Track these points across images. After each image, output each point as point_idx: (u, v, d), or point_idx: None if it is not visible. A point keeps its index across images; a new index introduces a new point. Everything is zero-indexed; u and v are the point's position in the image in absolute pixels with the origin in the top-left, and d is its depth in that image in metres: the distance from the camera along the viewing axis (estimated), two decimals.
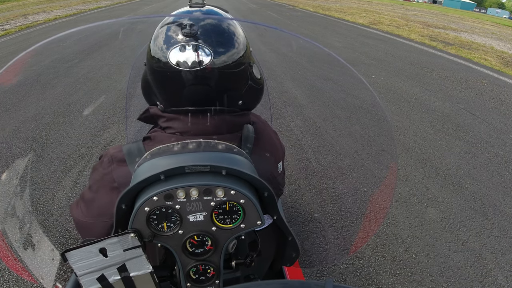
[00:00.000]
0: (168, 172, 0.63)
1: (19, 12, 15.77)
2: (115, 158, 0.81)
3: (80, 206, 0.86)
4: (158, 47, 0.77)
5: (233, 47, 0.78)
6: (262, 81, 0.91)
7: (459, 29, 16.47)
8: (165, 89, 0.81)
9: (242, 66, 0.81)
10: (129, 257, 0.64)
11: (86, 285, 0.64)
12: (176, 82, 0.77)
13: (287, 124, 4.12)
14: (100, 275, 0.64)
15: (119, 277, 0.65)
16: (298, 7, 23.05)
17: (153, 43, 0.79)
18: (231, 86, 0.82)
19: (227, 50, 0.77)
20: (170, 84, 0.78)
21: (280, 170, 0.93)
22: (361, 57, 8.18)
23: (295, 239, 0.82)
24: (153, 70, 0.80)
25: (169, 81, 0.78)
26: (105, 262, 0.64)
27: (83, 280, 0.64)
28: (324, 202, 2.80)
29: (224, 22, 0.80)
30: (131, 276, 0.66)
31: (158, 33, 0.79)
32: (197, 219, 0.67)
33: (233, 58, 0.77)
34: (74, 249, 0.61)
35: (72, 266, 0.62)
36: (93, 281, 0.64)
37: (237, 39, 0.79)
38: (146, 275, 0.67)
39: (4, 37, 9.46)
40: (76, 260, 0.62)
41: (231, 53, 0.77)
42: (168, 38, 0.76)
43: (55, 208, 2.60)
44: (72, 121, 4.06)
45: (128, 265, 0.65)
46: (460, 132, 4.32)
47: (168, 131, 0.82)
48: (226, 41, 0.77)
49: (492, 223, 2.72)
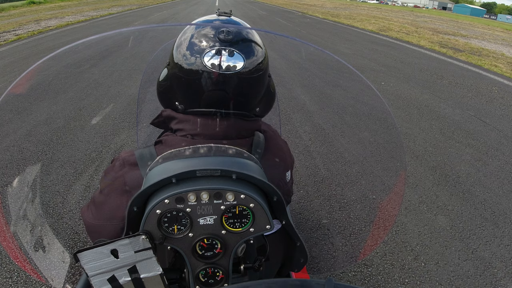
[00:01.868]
0: (180, 175, 0.65)
1: (31, 18, 16.07)
2: (127, 162, 0.83)
3: (91, 209, 0.87)
4: (191, 48, 0.79)
5: (260, 55, 0.83)
6: (275, 90, 0.95)
7: (469, 36, 16.36)
8: (189, 90, 0.82)
9: (264, 73, 0.85)
10: (139, 259, 0.66)
11: (97, 285, 0.66)
12: (203, 84, 0.79)
13: (296, 130, 4.13)
14: (111, 276, 0.66)
15: (130, 278, 0.67)
16: (307, 14, 23.12)
17: (183, 45, 0.81)
18: (254, 91, 0.85)
19: (256, 58, 0.81)
20: (197, 85, 0.80)
21: (288, 179, 0.94)
22: (370, 64, 8.17)
23: (303, 244, 0.82)
24: (181, 70, 0.81)
25: (196, 82, 0.80)
26: (116, 263, 0.65)
27: (94, 281, 0.65)
28: (332, 209, 2.79)
29: (252, 32, 0.85)
30: (142, 277, 0.67)
31: (187, 36, 0.82)
32: (207, 222, 0.68)
33: (260, 65, 0.82)
34: (86, 249, 0.63)
35: (84, 267, 0.64)
36: (104, 282, 0.66)
37: (262, 49, 0.85)
38: (156, 277, 0.68)
39: (17, 42, 9.63)
40: (87, 261, 0.63)
41: (258, 61, 0.82)
42: (203, 42, 0.79)
43: (65, 211, 2.64)
44: (82, 125, 4.12)
45: (138, 266, 0.66)
46: (470, 139, 4.29)
47: (179, 134, 0.84)
48: (255, 50, 0.82)
49: (503, 232, 2.69)
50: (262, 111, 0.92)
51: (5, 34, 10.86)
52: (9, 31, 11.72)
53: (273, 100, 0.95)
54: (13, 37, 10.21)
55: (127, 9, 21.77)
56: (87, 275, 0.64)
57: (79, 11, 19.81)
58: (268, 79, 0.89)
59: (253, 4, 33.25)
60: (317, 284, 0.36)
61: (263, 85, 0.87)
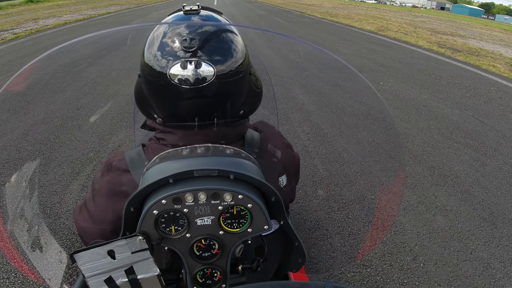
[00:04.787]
0: (177, 176, 0.64)
1: (29, 16, 16.00)
2: (116, 165, 0.81)
3: (82, 212, 0.86)
4: (156, 59, 0.73)
5: (234, 56, 0.76)
6: (260, 85, 0.90)
7: (467, 36, 16.39)
8: (162, 104, 0.79)
9: (243, 74, 0.79)
10: (136, 260, 0.65)
11: (94, 286, 0.65)
12: (175, 97, 0.75)
13: (294, 130, 4.12)
14: (107, 277, 0.65)
15: (127, 279, 0.66)
16: (305, 14, 23.11)
17: (149, 53, 0.76)
18: (233, 96, 0.80)
19: (229, 61, 0.75)
20: (169, 99, 0.76)
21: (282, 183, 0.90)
22: (368, 64, 8.17)
23: (301, 244, 0.81)
24: (151, 82, 0.77)
25: (167, 96, 0.76)
26: (113, 264, 0.64)
27: (91, 282, 0.64)
28: (331, 209, 2.79)
29: (224, 29, 0.78)
30: (139, 278, 0.66)
31: (153, 42, 0.76)
32: (204, 222, 0.67)
33: (235, 68, 0.76)
34: (83, 250, 0.62)
35: (80, 268, 0.63)
36: (100, 283, 0.65)
37: (237, 48, 0.77)
38: (153, 278, 0.67)
39: (14, 40, 9.60)
40: (84, 262, 0.63)
41: (232, 64, 0.75)
42: (167, 51, 0.73)
43: (63, 211, 2.63)
44: (80, 125, 4.11)
45: (135, 267, 0.66)
46: (468, 139, 4.29)
47: (162, 142, 0.82)
48: (227, 52, 0.75)
49: (501, 232, 2.69)
50: (248, 111, 0.87)
51: (3, 33, 10.82)
52: (7, 29, 11.68)
53: (258, 98, 0.89)
54: (11, 36, 10.17)
55: (125, 8, 21.71)
56: (83, 276, 0.64)
57: (77, 10, 19.74)
58: (249, 77, 0.82)
59: (252, 4, 33.22)
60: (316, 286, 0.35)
61: (243, 85, 0.81)
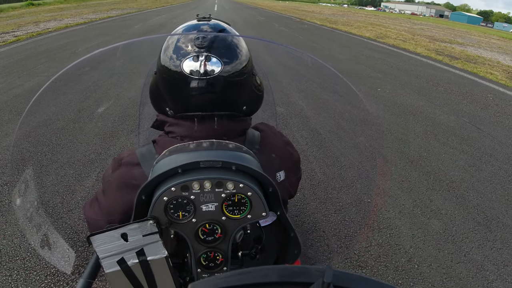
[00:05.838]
0: (185, 166, 0.71)
1: (30, 19, 16.11)
2: (128, 160, 0.89)
3: (93, 206, 0.93)
4: (171, 57, 0.84)
5: (239, 57, 0.86)
6: (262, 88, 0.99)
7: (465, 43, 16.53)
8: (175, 96, 0.87)
9: (246, 75, 0.88)
10: (147, 242, 0.72)
11: (107, 267, 0.71)
12: (187, 89, 0.83)
13: (293, 135, 4.18)
14: (120, 258, 0.71)
15: (137, 260, 0.73)
16: (305, 20, 23.28)
17: (165, 53, 0.86)
18: (236, 92, 0.88)
19: (234, 60, 0.84)
20: (181, 91, 0.84)
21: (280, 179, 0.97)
22: (367, 70, 8.26)
23: (297, 235, 0.88)
24: (165, 78, 0.86)
25: (180, 88, 0.84)
26: (126, 246, 0.71)
27: (105, 263, 0.71)
28: (328, 212, 2.84)
29: (231, 35, 0.89)
30: (148, 260, 0.73)
31: (169, 44, 0.86)
32: (209, 209, 0.74)
33: (239, 67, 0.85)
34: (99, 233, 0.69)
35: (96, 249, 0.70)
36: (113, 264, 0.71)
37: (241, 51, 0.87)
38: (161, 259, 0.74)
39: (15, 43, 9.69)
40: (99, 244, 0.69)
41: (237, 63, 0.85)
42: (181, 49, 0.83)
43: (64, 211, 2.67)
44: (82, 127, 4.17)
45: (146, 249, 0.72)
46: (464, 145, 4.36)
47: (171, 135, 0.90)
48: (233, 52, 0.85)
49: (495, 235, 2.75)
50: (250, 110, 0.96)
51: (4, 35, 10.91)
52: (8, 32, 11.77)
53: (260, 98, 0.99)
54: (12, 38, 10.26)
55: (126, 13, 21.85)
56: (98, 257, 0.70)
57: (78, 14, 19.87)
58: (252, 78, 0.92)
59: (253, 10, 33.42)
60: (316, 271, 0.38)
61: (246, 85, 0.90)
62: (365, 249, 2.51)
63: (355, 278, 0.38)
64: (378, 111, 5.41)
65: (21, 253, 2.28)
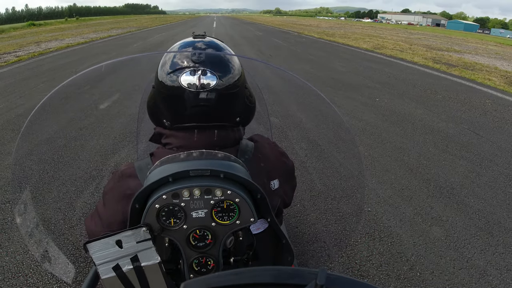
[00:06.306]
0: (175, 175, 0.75)
1: (31, 40, 16.35)
2: (125, 173, 0.93)
3: (93, 218, 0.97)
4: (169, 71, 0.88)
5: (232, 71, 0.91)
6: (254, 100, 1.04)
7: (462, 51, 16.64)
8: (172, 108, 0.91)
9: (239, 87, 0.93)
10: (141, 249, 0.75)
11: (103, 273, 0.74)
12: (184, 102, 0.87)
13: (292, 147, 4.20)
14: (115, 264, 0.75)
15: (132, 266, 0.76)
16: (303, 34, 23.53)
17: (163, 68, 0.91)
18: (230, 104, 0.93)
19: (228, 74, 0.89)
20: (178, 103, 0.89)
21: (274, 187, 1.00)
22: (365, 81, 8.32)
23: (288, 242, 0.90)
24: (163, 91, 0.90)
25: (177, 101, 0.88)
26: (120, 252, 0.74)
27: (101, 269, 0.74)
28: (328, 222, 2.84)
29: (225, 51, 0.94)
30: (142, 266, 0.76)
31: (167, 59, 0.91)
32: (199, 215, 0.78)
33: (232, 80, 0.90)
34: (94, 240, 0.72)
35: (92, 256, 0.73)
36: (109, 270, 0.75)
37: (234, 65, 0.92)
38: (155, 265, 0.77)
39: (17, 63, 9.83)
40: (95, 251, 0.73)
41: (230, 77, 0.90)
42: (178, 64, 0.88)
43: (66, 227, 2.69)
44: (83, 144, 4.21)
45: (139, 256, 0.76)
46: (464, 151, 4.36)
47: (168, 147, 0.94)
48: (227, 67, 0.90)
49: (497, 240, 2.73)
50: (243, 121, 1.00)
51: (6, 56, 11.08)
52: (10, 52, 11.96)
53: (252, 109, 1.03)
54: (14, 59, 10.42)
55: (126, 31, 22.16)
56: (94, 264, 0.73)
57: (79, 33, 20.16)
58: (244, 91, 0.97)
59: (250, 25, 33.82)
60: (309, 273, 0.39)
61: (240, 97, 0.95)
62: (366, 258, 2.50)
63: (347, 281, 0.39)
64: (376, 121, 5.43)
65: (23, 269, 2.29)
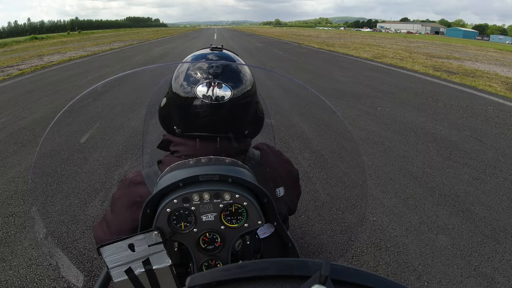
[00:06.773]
0: (186, 180, 0.78)
1: (34, 53, 16.53)
2: (133, 181, 0.95)
3: (101, 225, 0.99)
4: (185, 81, 0.91)
5: (246, 85, 0.94)
6: (263, 112, 1.07)
7: (462, 58, 16.70)
8: (185, 117, 0.93)
9: (251, 99, 0.96)
10: (152, 252, 0.77)
11: (116, 276, 0.76)
12: (198, 112, 0.90)
13: (295, 157, 4.21)
14: (127, 267, 0.77)
15: (144, 269, 0.78)
16: (303, 44, 23.69)
17: (179, 78, 0.93)
18: (242, 116, 0.96)
19: (243, 87, 0.92)
20: (192, 113, 0.91)
21: (279, 194, 1.03)
22: (366, 90, 8.35)
23: (294, 245, 0.93)
24: (178, 100, 0.93)
25: (191, 111, 0.91)
26: (132, 256, 0.76)
27: (114, 272, 0.76)
28: (334, 233, 2.83)
29: (239, 64, 0.97)
30: (154, 269, 0.78)
31: (184, 69, 0.94)
32: (208, 219, 0.80)
33: (247, 94, 0.93)
34: (108, 244, 0.74)
35: (105, 260, 0.75)
36: (121, 273, 0.77)
37: (248, 79, 0.96)
38: (166, 268, 0.79)
39: (20, 76, 9.94)
40: (108, 254, 0.75)
41: (245, 90, 0.93)
42: (195, 75, 0.90)
43: (70, 240, 2.70)
44: (86, 157, 4.25)
45: (151, 259, 0.78)
46: (467, 159, 4.36)
47: (176, 155, 0.96)
48: (242, 80, 0.93)
49: (504, 247, 2.72)
50: (252, 132, 1.03)
51: (9, 69, 11.21)
52: (12, 66, 12.11)
53: (261, 122, 1.06)
54: (17, 72, 10.54)
55: (128, 44, 22.38)
56: (107, 267, 0.75)
57: (81, 47, 20.37)
58: (255, 105, 1.00)
59: (251, 37, 34.12)
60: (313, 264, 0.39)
61: (251, 110, 0.98)
62: (373, 268, 2.49)
63: (352, 272, 0.39)
64: (379, 129, 5.44)
65: (27, 283, 2.29)
